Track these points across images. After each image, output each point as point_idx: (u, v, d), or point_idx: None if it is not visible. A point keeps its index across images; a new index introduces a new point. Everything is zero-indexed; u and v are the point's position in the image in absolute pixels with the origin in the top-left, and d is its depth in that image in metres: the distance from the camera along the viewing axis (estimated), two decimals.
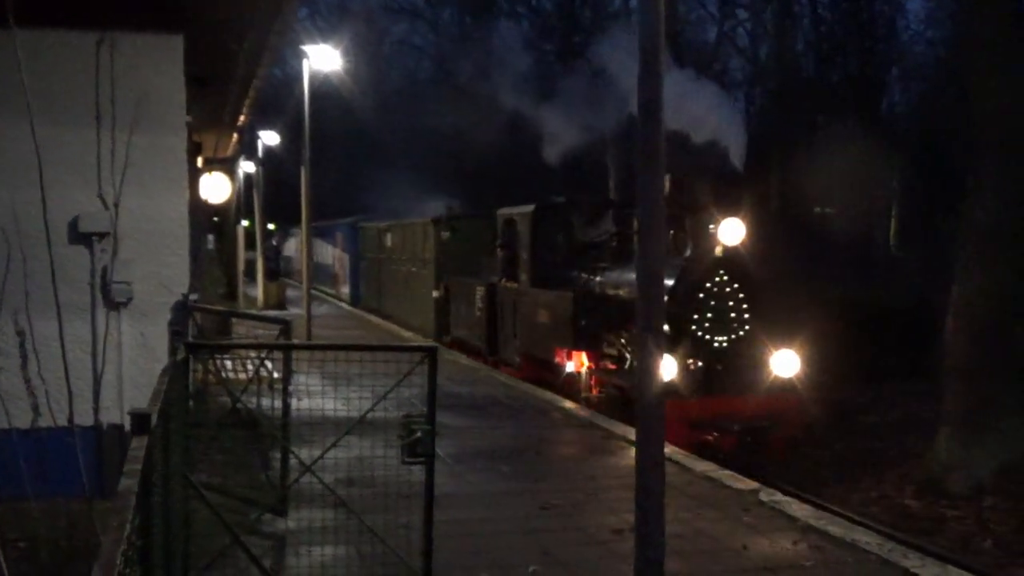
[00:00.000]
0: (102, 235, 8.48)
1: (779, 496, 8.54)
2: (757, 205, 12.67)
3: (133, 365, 8.60)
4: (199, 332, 9.46)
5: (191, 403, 6.84)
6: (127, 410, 6.55)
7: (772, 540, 7.31)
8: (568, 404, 13.41)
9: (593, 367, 13.64)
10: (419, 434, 5.86)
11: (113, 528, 2.66)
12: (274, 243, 46.07)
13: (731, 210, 11.93)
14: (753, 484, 8.91)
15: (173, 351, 6.83)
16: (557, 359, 14.42)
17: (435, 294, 21.65)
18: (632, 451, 4.85)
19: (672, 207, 11.58)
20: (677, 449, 10.20)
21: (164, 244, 8.68)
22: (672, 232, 12.63)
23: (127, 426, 4.64)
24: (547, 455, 10.33)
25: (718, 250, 11.92)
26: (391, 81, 53.25)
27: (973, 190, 12.03)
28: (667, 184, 11.85)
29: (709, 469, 9.49)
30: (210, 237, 30.52)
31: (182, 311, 8.66)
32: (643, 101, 4.37)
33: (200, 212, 17.32)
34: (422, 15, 50.75)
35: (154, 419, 3.88)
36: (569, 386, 14.15)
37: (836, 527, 7.58)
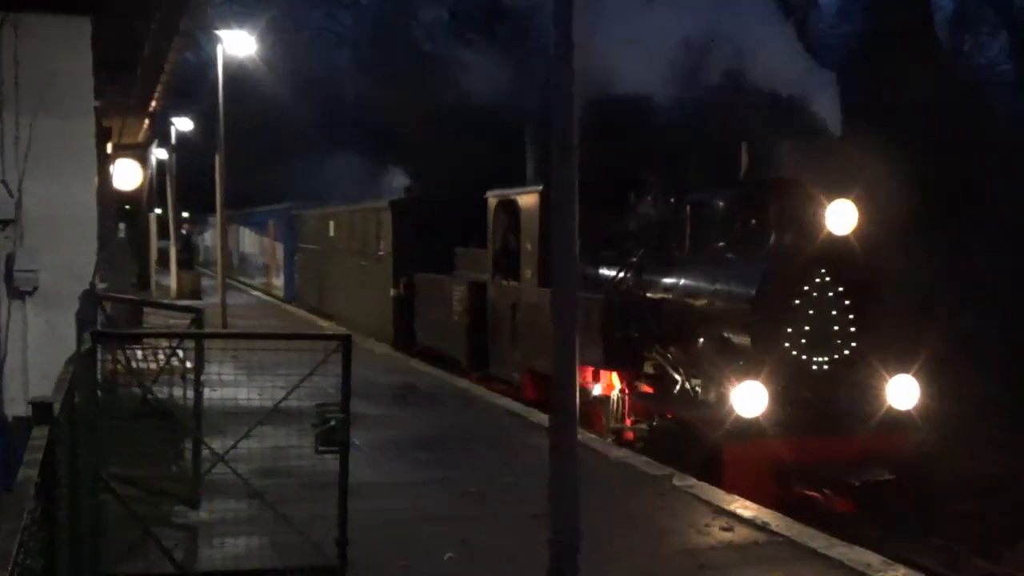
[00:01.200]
0: (6, 222, 8.25)
1: (692, 480, 8.67)
2: (881, 184, 9.36)
3: (39, 355, 8.38)
4: (109, 322, 9.27)
5: (100, 394, 6.70)
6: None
7: (686, 523, 7.42)
8: (494, 397, 13.35)
9: (627, 391, 10.82)
10: (333, 423, 5.82)
11: (10, 519, 2.59)
12: (184, 232, 43.92)
13: (837, 188, 9.13)
14: (667, 469, 9.02)
15: (80, 341, 6.69)
16: (580, 379, 11.56)
17: (393, 292, 18.40)
18: None
19: (750, 185, 9.94)
20: (592, 435, 10.27)
21: (71, 231, 8.47)
22: (752, 217, 10.15)
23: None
24: (465, 443, 10.34)
25: (819, 242, 9.15)
26: (309, 68, 52.68)
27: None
28: (744, 156, 10.02)
29: (624, 456, 9.59)
30: (121, 225, 29.95)
31: (90, 300, 8.47)
32: (558, 90, 4.39)
33: (110, 199, 16.93)
34: (341, 1, 50.31)
35: (57, 408, 3.79)
36: (593, 414, 11.15)
37: (747, 510, 7.72)
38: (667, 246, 11.09)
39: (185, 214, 47.40)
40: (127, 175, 17.36)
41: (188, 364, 7.57)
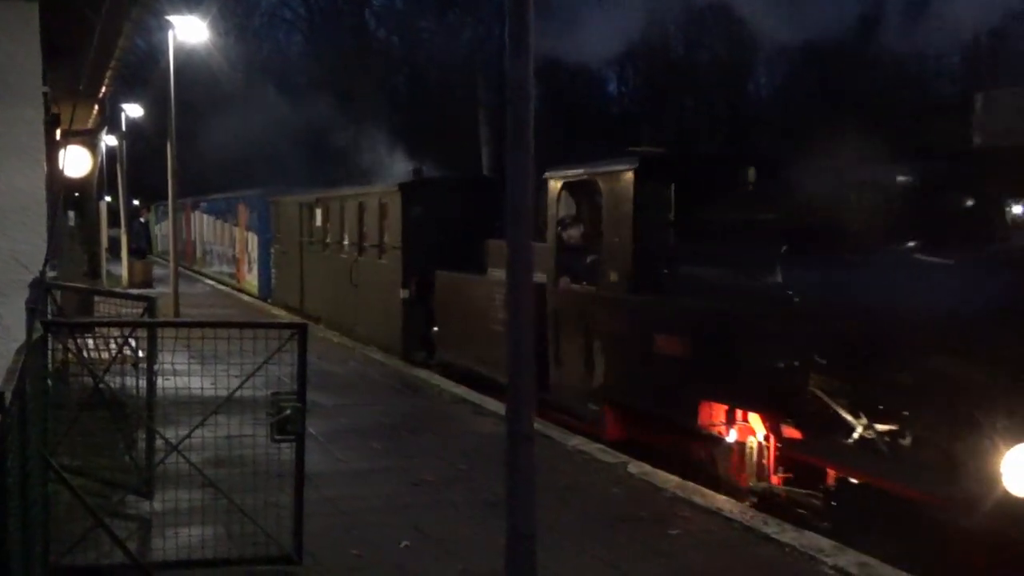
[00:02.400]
0: None
1: (647, 468, 8.72)
2: None
3: None
4: (59, 311, 9.14)
5: (51, 383, 6.62)
6: None
7: (642, 511, 7.47)
8: (449, 384, 13.34)
9: (771, 437, 7.95)
10: (288, 412, 5.81)
11: None
12: (142, 220, 41.42)
13: None
14: (623, 457, 9.07)
15: (30, 331, 6.60)
16: (701, 420, 8.56)
17: (403, 294, 15.36)
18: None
19: (967, 156, 7.70)
20: (547, 423, 10.31)
21: (19, 219, 8.32)
22: (963, 198, 7.47)
23: None
24: (420, 432, 10.34)
25: None
26: (261, 55, 52.25)
27: None
28: (979, 110, 7.56)
29: (580, 443, 9.63)
30: (71, 213, 29.50)
31: (39, 289, 8.35)
32: (513, 80, 4.38)
33: (59, 187, 16.69)
34: None
35: (7, 398, 3.74)
36: (728, 466, 8.40)
37: (701, 497, 7.79)
38: (818, 240, 7.92)
39: (136, 202, 46.70)
40: (77, 162, 17.07)
41: (140, 353, 7.50)
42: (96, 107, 18.83)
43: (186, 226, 39.46)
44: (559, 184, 11.23)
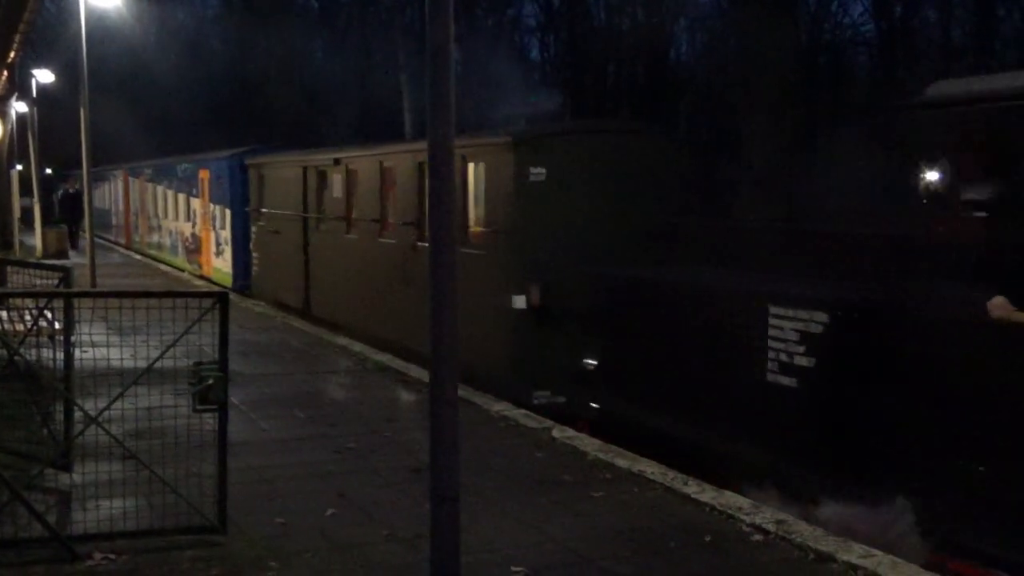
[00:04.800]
0: None
1: (571, 432, 8.83)
2: None
3: None
4: None
5: None
6: None
7: (566, 475, 7.57)
8: (374, 352, 13.24)
9: None
10: (210, 381, 5.77)
11: None
12: (70, 191, 35.18)
13: None
14: (547, 422, 9.17)
15: None
16: None
17: (518, 303, 10.50)
18: None
19: None
20: (473, 390, 10.37)
21: None
22: None
23: None
24: (344, 400, 10.32)
25: None
26: (176, 18, 51.23)
27: (749, 138, 12.61)
28: None
29: (504, 408, 9.71)
30: None
31: None
32: (433, 46, 4.37)
33: None
34: None
35: None
36: None
37: (623, 459, 7.91)
38: None
39: (48, 170, 45.46)
40: None
41: (57, 325, 7.37)
42: (5, 73, 18.31)
43: (124, 197, 35.55)
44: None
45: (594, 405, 10.10)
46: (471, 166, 11.52)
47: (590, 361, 10.14)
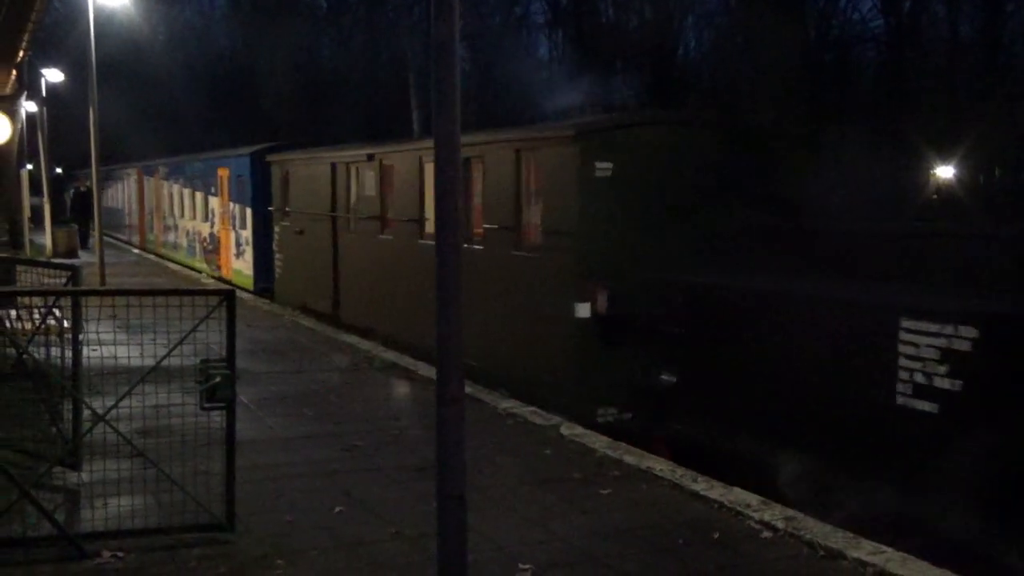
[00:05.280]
0: None
1: (579, 430, 8.82)
2: None
3: None
4: None
5: None
6: None
7: (572, 472, 7.56)
8: (380, 350, 13.26)
9: None
10: (218, 379, 5.77)
11: None
12: (81, 189, 34.32)
13: None
14: (555, 419, 9.16)
15: None
16: None
17: (581, 312, 9.57)
18: None
19: None
20: (480, 387, 10.37)
21: None
22: None
23: None
24: (351, 398, 10.32)
25: None
26: (183, 16, 51.34)
27: None
28: None
29: (512, 406, 9.70)
30: None
31: None
32: (438, 42, 4.36)
33: None
34: None
35: None
36: None
37: (631, 456, 7.90)
38: None
39: (59, 170, 45.56)
40: None
41: (65, 323, 7.38)
42: (14, 72, 18.38)
43: (138, 196, 34.58)
44: None
45: (673, 425, 9.15)
46: (527, 161, 10.63)
47: (668, 377, 9.19)
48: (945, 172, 28.71)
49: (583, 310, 9.57)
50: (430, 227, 12.20)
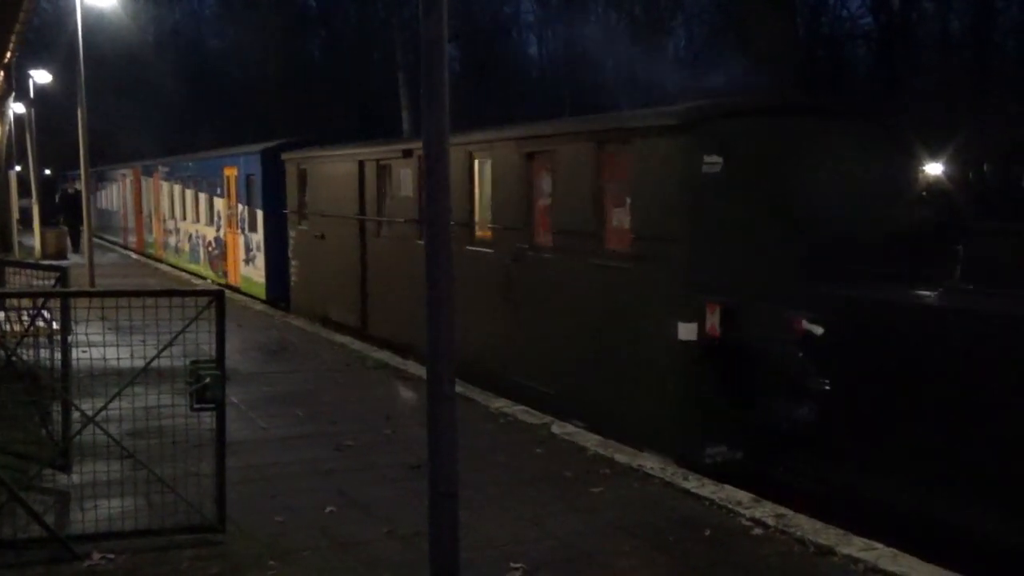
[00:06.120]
0: None
1: (571, 428, 8.82)
2: None
3: None
4: None
5: None
6: None
7: (564, 470, 7.56)
8: (371, 350, 13.25)
9: None
10: (208, 380, 5.76)
11: None
12: (69, 191, 33.57)
13: None
14: (546, 418, 9.16)
15: None
16: None
17: (685, 333, 8.04)
18: None
19: None
20: (472, 386, 10.36)
21: None
22: None
23: None
24: (342, 397, 10.31)
25: None
26: (173, 17, 51.25)
27: None
28: None
29: (503, 405, 9.69)
30: None
31: None
32: (427, 41, 4.36)
33: None
34: None
35: None
36: None
37: (622, 455, 7.90)
38: None
39: (47, 171, 45.40)
40: None
41: (54, 325, 7.36)
42: (1, 74, 18.30)
43: (135, 198, 32.76)
44: None
45: (807, 470, 7.56)
46: (612, 154, 9.08)
47: (802, 410, 7.56)
48: (934, 169, 28.73)
49: (688, 331, 7.95)
50: (482, 231, 11.33)
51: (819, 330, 7.27)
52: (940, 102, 28.06)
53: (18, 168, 32.33)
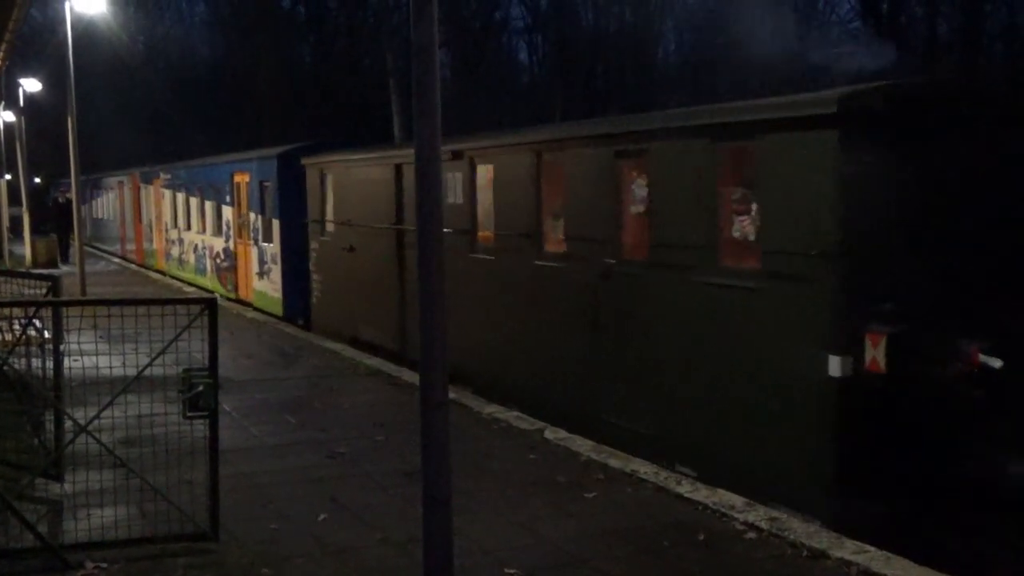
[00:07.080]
0: None
1: (563, 433, 8.81)
2: None
3: None
4: None
5: None
6: None
7: (557, 476, 7.56)
8: (363, 357, 13.25)
9: None
10: (201, 388, 5.76)
11: None
12: (60, 200, 32.58)
13: None
14: (539, 424, 9.16)
15: None
16: None
17: (835, 368, 6.51)
18: None
19: None
20: (464, 392, 10.35)
21: None
22: None
23: None
24: (335, 404, 10.29)
25: None
26: (163, 25, 51.21)
27: None
28: None
29: (496, 411, 9.69)
30: None
31: None
32: (417, 47, 4.36)
33: None
34: None
35: None
36: None
37: (615, 459, 7.91)
38: None
39: (37, 179, 45.26)
40: None
41: (46, 334, 7.34)
42: None
43: (134, 207, 30.64)
44: None
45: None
46: (730, 152, 7.69)
47: (1017, 468, 6.42)
48: None
49: (838, 366, 6.53)
50: (552, 244, 10.00)
51: (997, 363, 6.29)
52: None
53: (8, 177, 32.25)
